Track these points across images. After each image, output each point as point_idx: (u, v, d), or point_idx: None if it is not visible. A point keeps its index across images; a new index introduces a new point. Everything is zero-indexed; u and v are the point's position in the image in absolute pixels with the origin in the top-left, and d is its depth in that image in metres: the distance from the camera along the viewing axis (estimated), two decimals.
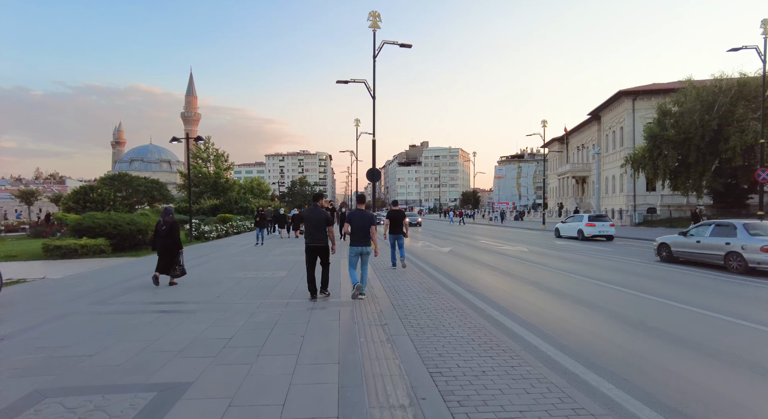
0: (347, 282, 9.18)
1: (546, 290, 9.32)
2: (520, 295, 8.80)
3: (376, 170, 17.93)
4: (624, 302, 8.14)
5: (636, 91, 45.39)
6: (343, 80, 17.71)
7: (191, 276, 10.05)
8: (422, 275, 10.81)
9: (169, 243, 8.86)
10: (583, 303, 7.97)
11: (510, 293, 8.95)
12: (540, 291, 9.19)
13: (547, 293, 9.00)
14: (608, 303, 7.94)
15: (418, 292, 8.45)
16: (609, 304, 7.88)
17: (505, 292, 9.11)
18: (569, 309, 7.52)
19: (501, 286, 9.83)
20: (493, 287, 9.62)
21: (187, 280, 9.64)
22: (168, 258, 8.87)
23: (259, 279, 9.88)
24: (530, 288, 9.55)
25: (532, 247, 19.38)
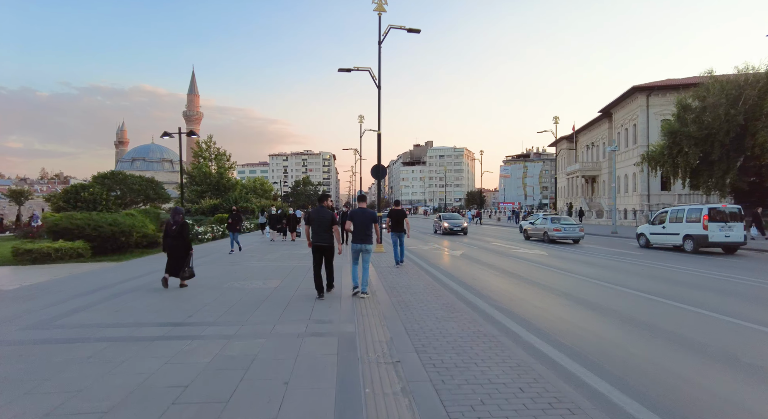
0: (348, 291, 7.78)
1: (584, 304, 7.82)
2: (556, 311, 7.30)
3: (382, 166, 16.49)
4: (721, 331, 6.61)
5: (650, 87, 43.72)
6: (345, 68, 16.26)
7: (164, 291, 8.63)
8: (435, 284, 9.33)
9: (179, 244, 8.63)
10: (648, 328, 6.46)
11: (545, 310, 7.45)
12: (579, 307, 7.69)
13: (589, 309, 7.50)
14: (684, 328, 6.43)
15: (436, 309, 6.97)
16: (685, 329, 6.37)
17: (538, 308, 7.61)
18: (630, 334, 6.03)
19: (530, 299, 8.33)
20: (522, 302, 8.12)
21: (160, 293, 8.24)
22: (178, 260, 8.63)
23: (246, 291, 8.44)
24: (565, 302, 8.05)
25: (550, 250, 17.85)
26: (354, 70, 16.28)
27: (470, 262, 13.95)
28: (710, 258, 14.99)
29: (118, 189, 30.42)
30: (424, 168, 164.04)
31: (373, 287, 8.89)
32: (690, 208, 17.48)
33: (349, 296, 7.91)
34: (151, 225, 16.62)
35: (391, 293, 8.32)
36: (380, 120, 16.47)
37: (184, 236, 8.71)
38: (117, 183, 30.08)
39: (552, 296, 8.69)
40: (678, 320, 6.76)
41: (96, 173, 30.31)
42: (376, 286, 8.98)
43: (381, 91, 16.29)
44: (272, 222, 22.04)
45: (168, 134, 19.83)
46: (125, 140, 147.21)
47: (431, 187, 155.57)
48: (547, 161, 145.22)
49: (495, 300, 8.18)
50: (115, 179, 30.06)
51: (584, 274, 11.33)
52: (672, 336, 5.85)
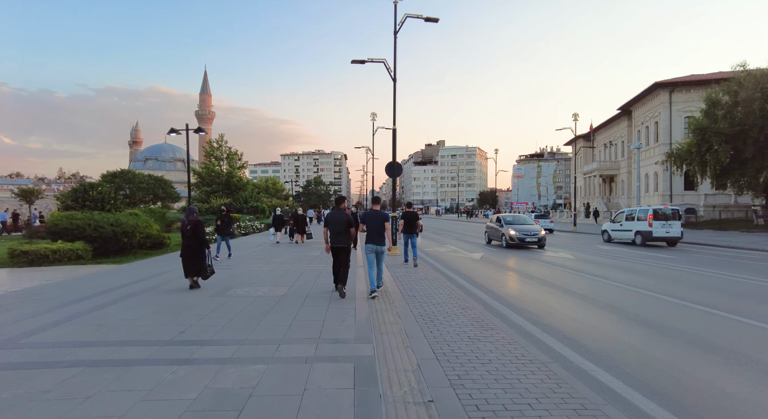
0: (362, 298, 6.87)
1: (638, 321, 6.79)
2: (607, 330, 6.30)
3: (397, 163, 15.54)
4: None
5: (673, 83, 42.10)
6: (359, 60, 15.35)
7: (161, 298, 7.81)
8: (460, 293, 8.36)
9: (195, 244, 8.40)
10: (725, 352, 5.44)
11: (591, 326, 6.45)
12: (637, 326, 6.67)
13: (644, 326, 6.48)
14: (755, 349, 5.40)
15: (465, 325, 6.01)
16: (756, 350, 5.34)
17: (583, 323, 6.61)
18: (705, 361, 5.01)
19: (569, 312, 7.33)
20: (559, 314, 7.13)
21: (154, 302, 7.42)
22: (194, 260, 8.42)
23: (250, 300, 7.57)
24: (613, 318, 7.03)
25: (575, 253, 16.74)
26: (368, 62, 15.37)
27: (492, 265, 12.93)
28: (655, 250, 18.15)
29: (127, 188, 29.88)
30: (435, 168, 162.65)
31: (390, 296, 7.99)
32: (640, 209, 20.65)
33: (365, 306, 7.01)
34: (156, 225, 15.91)
35: (411, 303, 7.39)
36: (395, 114, 15.52)
37: (199, 235, 8.44)
38: (126, 182, 29.64)
39: (550, 292, 7.66)
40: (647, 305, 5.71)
41: (105, 172, 29.86)
42: (394, 295, 8.05)
43: (396, 83, 15.36)
44: (276, 223, 19.82)
45: (175, 130, 19.17)
46: (139, 139, 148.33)
47: (443, 187, 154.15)
48: (561, 161, 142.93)
49: (528, 312, 7.20)
50: (123, 177, 29.61)
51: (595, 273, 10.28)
52: None
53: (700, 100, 40.37)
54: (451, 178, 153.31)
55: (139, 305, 7.20)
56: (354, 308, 6.90)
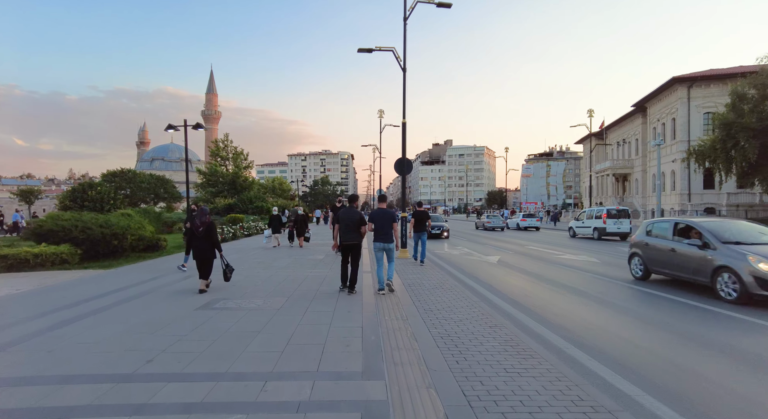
0: (370, 322, 5.78)
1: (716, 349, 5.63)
2: (674, 359, 5.15)
3: (407, 159, 14.42)
4: None
5: (692, 78, 40.54)
6: (366, 48, 14.26)
7: (138, 312, 6.79)
8: (483, 305, 7.23)
9: (207, 247, 8.19)
10: None
11: (651, 352, 5.30)
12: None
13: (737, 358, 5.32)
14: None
15: (497, 351, 4.89)
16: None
17: (642, 349, 5.46)
18: None
19: (614, 329, 6.17)
20: (599, 330, 5.98)
21: (128, 319, 6.37)
22: (207, 262, 8.21)
23: (240, 315, 6.51)
24: (670, 337, 5.87)
25: (600, 256, 15.50)
26: (376, 51, 14.26)
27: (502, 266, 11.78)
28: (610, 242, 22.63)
29: (128, 188, 29.03)
30: (443, 167, 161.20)
31: (403, 309, 6.89)
32: (598, 209, 25.36)
33: (374, 324, 5.92)
34: (150, 226, 14.92)
35: (428, 319, 6.28)
36: (405, 107, 14.40)
37: (212, 237, 8.22)
38: (126, 182, 28.77)
39: (585, 303, 6.49)
40: None
41: (105, 171, 29.06)
42: (407, 308, 6.94)
43: (406, 74, 14.25)
44: (274, 224, 17.62)
45: (173, 126, 18.20)
46: (146, 140, 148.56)
47: (450, 186, 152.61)
48: (571, 160, 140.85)
49: (566, 329, 6.06)
50: (124, 177, 28.78)
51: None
52: None
53: (720, 96, 38.88)
54: (458, 178, 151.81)
55: (108, 321, 6.16)
56: (361, 328, 5.80)
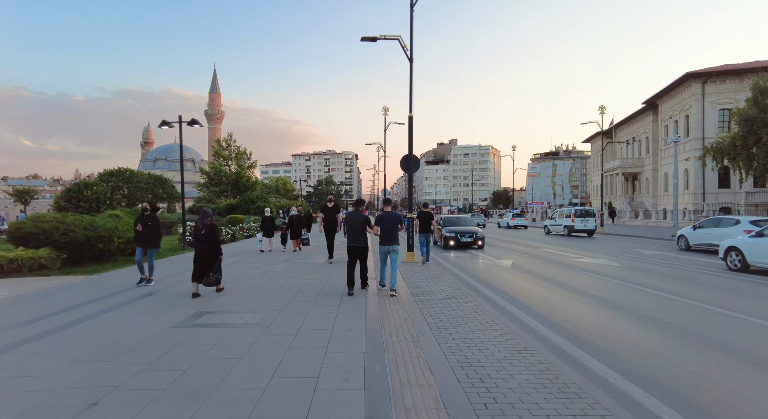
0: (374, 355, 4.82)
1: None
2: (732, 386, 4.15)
3: (414, 156, 13.43)
4: None
5: (707, 73, 39.29)
6: (369, 37, 13.26)
7: (103, 331, 5.85)
8: (505, 321, 6.24)
9: (209, 249, 7.90)
10: None
11: (720, 385, 4.30)
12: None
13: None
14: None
15: (534, 390, 3.90)
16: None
17: (711, 382, 4.46)
18: None
19: (665, 352, 5.17)
20: (649, 355, 4.98)
21: (88, 342, 5.43)
22: (206, 266, 7.89)
23: (223, 334, 5.55)
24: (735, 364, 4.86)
25: (620, 260, 14.43)
26: (380, 39, 13.26)
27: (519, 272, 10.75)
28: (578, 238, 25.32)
29: (125, 188, 28.21)
30: (448, 167, 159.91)
31: (412, 326, 5.92)
32: (567, 209, 29.09)
33: (380, 350, 4.95)
34: None
35: (443, 340, 5.30)
36: (411, 100, 13.43)
37: (215, 240, 7.97)
38: (124, 181, 27.92)
39: (612, 313, 5.48)
40: None
41: (102, 170, 28.24)
42: (418, 325, 5.96)
43: (413, 64, 13.27)
44: (266, 227, 15.94)
45: (167, 122, 17.30)
46: (150, 140, 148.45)
47: (455, 186, 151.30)
48: (577, 159, 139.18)
49: (608, 353, 5.06)
50: (121, 176, 27.94)
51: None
52: None
53: (737, 91, 37.65)
54: (463, 177, 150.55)
55: (64, 344, 5.22)
56: (363, 353, 4.83)
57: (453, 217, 20.36)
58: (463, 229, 18.23)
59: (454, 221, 19.50)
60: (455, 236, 17.70)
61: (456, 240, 17.59)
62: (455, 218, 20.11)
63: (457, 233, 17.77)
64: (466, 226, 18.92)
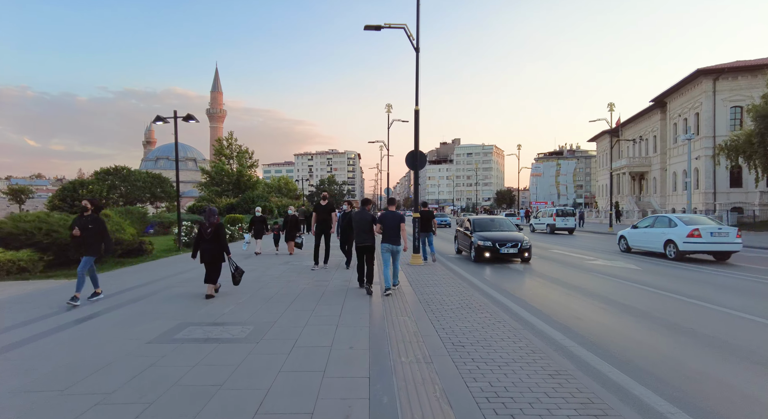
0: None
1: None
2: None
3: (420, 152, 12.66)
4: None
5: (718, 70, 38.32)
6: (373, 25, 12.47)
7: (67, 347, 5.11)
8: (527, 335, 5.47)
9: (215, 249, 7.73)
10: None
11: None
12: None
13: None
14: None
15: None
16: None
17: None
18: None
19: (730, 380, 4.38)
20: (718, 387, 4.19)
21: (45, 362, 4.67)
22: (215, 266, 7.75)
23: (206, 351, 4.79)
24: None
25: (639, 263, 13.62)
26: (385, 28, 12.47)
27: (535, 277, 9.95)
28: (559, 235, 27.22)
29: (122, 186, 27.56)
30: (451, 166, 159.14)
31: (425, 344, 5.14)
32: (549, 209, 31.19)
33: (386, 374, 4.17)
34: (131, 229, 13.25)
35: (460, 363, 4.52)
36: (418, 93, 12.65)
37: (221, 239, 7.76)
38: (121, 180, 27.26)
39: (647, 326, 4.68)
40: None
41: (98, 169, 27.58)
42: (430, 343, 5.18)
43: (419, 54, 12.50)
44: (257, 228, 14.82)
45: (162, 118, 16.59)
46: (153, 139, 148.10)
47: (459, 186, 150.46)
48: (581, 159, 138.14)
49: (654, 376, 4.28)
50: (118, 175, 27.27)
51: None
52: None
53: (749, 88, 36.70)
54: (466, 177, 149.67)
55: (10, 368, 4.45)
56: (367, 378, 4.06)
57: (485, 219, 15.62)
58: (502, 235, 13.62)
59: (488, 225, 14.86)
60: (492, 245, 13.12)
61: (493, 251, 13.10)
62: (488, 220, 15.49)
63: (494, 242, 13.17)
64: (506, 231, 14.43)
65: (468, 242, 14.28)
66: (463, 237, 15.15)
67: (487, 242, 13.22)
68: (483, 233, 13.82)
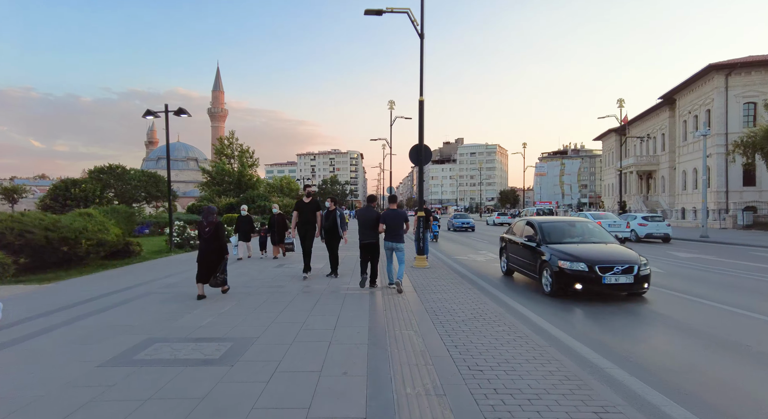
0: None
1: None
2: None
3: (426, 146, 11.77)
4: None
5: (730, 65, 37.27)
6: (374, 10, 11.56)
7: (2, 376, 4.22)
8: (553, 353, 4.58)
9: (214, 248, 7.47)
10: None
11: None
12: None
13: None
14: None
15: None
16: None
17: None
18: None
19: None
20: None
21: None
22: (211, 265, 7.44)
23: (167, 377, 3.91)
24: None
25: (657, 264, 12.66)
26: (387, 12, 11.59)
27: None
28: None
29: (116, 185, 26.78)
30: (454, 166, 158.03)
31: (434, 369, 4.24)
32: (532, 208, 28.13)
33: (389, 416, 3.28)
34: (116, 229, 12.39)
35: (482, 399, 3.61)
36: (422, 83, 11.77)
37: (220, 239, 7.55)
38: (115, 179, 26.45)
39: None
40: None
41: (93, 167, 26.80)
42: (442, 368, 4.28)
43: (424, 40, 11.61)
44: (243, 229, 13.33)
45: (152, 112, 15.73)
46: (155, 140, 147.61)
47: (462, 186, 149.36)
48: (586, 158, 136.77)
49: (718, 410, 3.30)
50: (112, 174, 26.47)
51: None
52: None
53: (762, 84, 35.69)
54: (470, 177, 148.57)
55: None
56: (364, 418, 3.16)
57: (560, 223, 9.95)
58: (602, 253, 8.14)
59: (567, 232, 9.29)
60: (588, 270, 7.64)
61: (592, 281, 7.62)
62: (566, 224, 9.80)
63: (592, 264, 7.67)
64: (599, 242, 8.89)
65: (534, 261, 8.76)
66: (523, 252, 9.50)
67: (579, 264, 7.66)
68: (565, 248, 8.25)
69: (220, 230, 7.53)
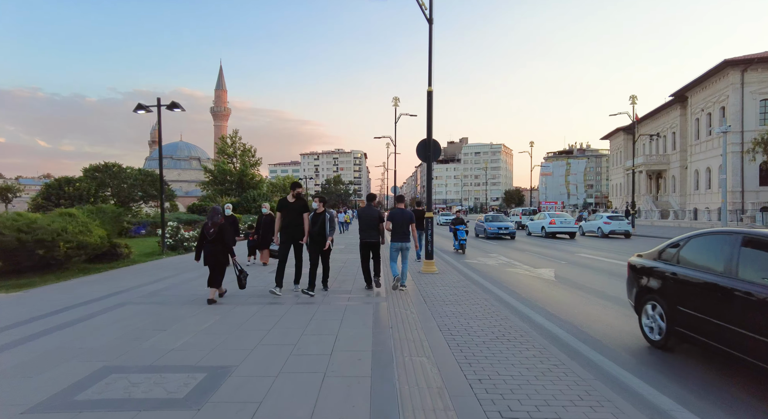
0: None
1: None
2: None
3: (434, 141, 10.80)
4: None
5: (747, 60, 36.09)
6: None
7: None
8: (594, 383, 3.60)
9: (219, 250, 7.18)
10: None
11: None
12: None
13: None
14: None
15: None
16: None
17: None
18: None
19: None
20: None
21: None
22: (220, 269, 7.22)
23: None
24: None
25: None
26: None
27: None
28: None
29: (112, 184, 25.95)
30: (458, 166, 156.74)
31: (457, 415, 3.27)
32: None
33: None
34: (99, 230, 11.46)
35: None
36: (431, 72, 10.81)
37: (224, 239, 7.31)
38: (110, 177, 25.61)
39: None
40: None
41: (87, 165, 25.98)
42: (465, 410, 3.33)
43: (433, 26, 10.66)
44: None
45: (144, 107, 14.86)
46: (157, 139, 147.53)
47: (466, 185, 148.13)
48: (592, 158, 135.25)
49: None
50: (107, 172, 25.65)
51: None
52: None
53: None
54: (474, 176, 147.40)
55: None
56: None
57: None
58: None
59: None
60: None
61: None
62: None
63: None
64: None
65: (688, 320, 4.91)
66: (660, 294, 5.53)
67: None
68: None
69: (225, 231, 7.32)
